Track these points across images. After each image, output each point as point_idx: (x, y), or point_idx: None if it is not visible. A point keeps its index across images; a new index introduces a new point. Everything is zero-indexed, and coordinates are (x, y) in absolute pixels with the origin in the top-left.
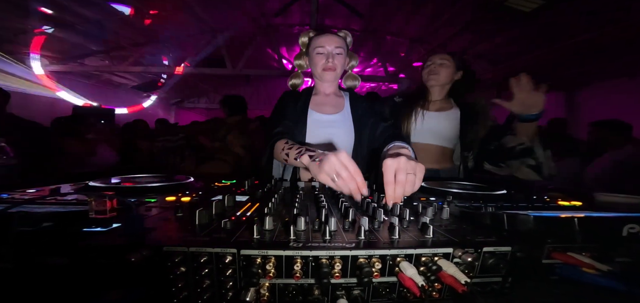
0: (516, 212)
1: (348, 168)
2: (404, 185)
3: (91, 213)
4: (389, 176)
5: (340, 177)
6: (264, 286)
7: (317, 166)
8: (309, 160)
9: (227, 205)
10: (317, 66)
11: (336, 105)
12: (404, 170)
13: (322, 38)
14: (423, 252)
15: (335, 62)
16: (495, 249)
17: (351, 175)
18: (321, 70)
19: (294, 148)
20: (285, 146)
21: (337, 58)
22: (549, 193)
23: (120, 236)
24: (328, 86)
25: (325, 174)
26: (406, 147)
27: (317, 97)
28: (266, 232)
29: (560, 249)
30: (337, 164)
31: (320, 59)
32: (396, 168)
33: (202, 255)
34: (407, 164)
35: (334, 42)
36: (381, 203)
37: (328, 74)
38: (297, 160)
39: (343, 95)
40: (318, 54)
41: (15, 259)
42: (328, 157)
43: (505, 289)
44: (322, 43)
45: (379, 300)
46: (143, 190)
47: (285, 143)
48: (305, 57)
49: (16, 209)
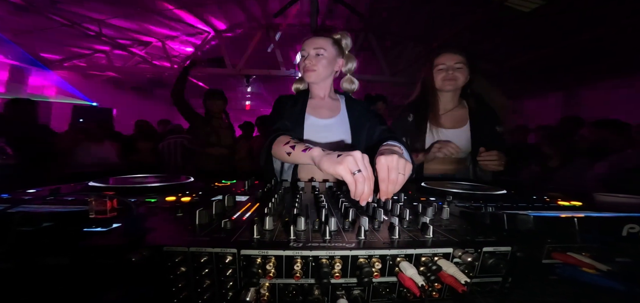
0: (516, 212)
1: (367, 170)
2: (395, 183)
3: (91, 214)
4: (383, 173)
5: (360, 174)
6: (264, 286)
7: (336, 157)
8: (321, 153)
9: (227, 205)
10: (301, 69)
11: (332, 109)
12: (395, 169)
13: (305, 41)
14: (423, 252)
15: (313, 62)
16: (495, 249)
17: (369, 177)
18: (302, 72)
19: (300, 143)
20: (290, 140)
21: (317, 59)
22: (549, 194)
23: (120, 236)
24: (318, 88)
25: (347, 166)
26: (398, 145)
27: (312, 101)
28: (266, 232)
29: (560, 249)
30: (360, 161)
31: (302, 61)
32: (389, 166)
33: (203, 255)
34: (399, 163)
35: (313, 43)
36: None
37: (307, 75)
38: (305, 153)
39: (339, 99)
40: (302, 57)
41: (15, 259)
42: (354, 152)
43: (505, 289)
44: (304, 46)
45: (379, 300)
46: (143, 190)
47: (289, 138)
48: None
49: (16, 209)
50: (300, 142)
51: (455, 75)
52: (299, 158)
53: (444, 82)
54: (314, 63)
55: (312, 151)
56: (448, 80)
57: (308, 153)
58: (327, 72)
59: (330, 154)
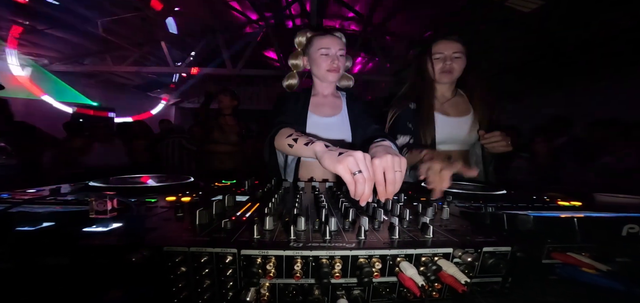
0: (516, 212)
1: (369, 170)
2: (393, 183)
3: (92, 213)
4: (379, 176)
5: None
6: (264, 286)
7: (337, 156)
8: (323, 148)
9: (228, 205)
10: (321, 67)
11: (334, 107)
12: (391, 169)
13: (327, 39)
14: (423, 252)
15: (339, 63)
16: (495, 249)
17: (370, 177)
18: (325, 72)
19: (303, 136)
20: (293, 133)
21: (341, 60)
22: (549, 194)
23: (120, 236)
24: (327, 87)
25: (347, 166)
26: (387, 142)
27: (315, 98)
28: (266, 232)
29: (560, 249)
30: (361, 161)
31: (325, 60)
32: (384, 168)
33: (203, 255)
34: (394, 161)
35: (338, 44)
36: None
37: (332, 75)
38: (307, 146)
39: (340, 96)
40: (323, 55)
41: (15, 259)
42: (355, 152)
43: (505, 289)
44: (328, 44)
45: (379, 300)
46: (143, 190)
47: (292, 130)
48: (302, 57)
49: (16, 209)
50: (303, 134)
51: (453, 66)
52: (301, 151)
53: (441, 74)
54: (339, 64)
55: (315, 145)
56: (445, 72)
57: (310, 148)
58: (343, 71)
59: (332, 151)
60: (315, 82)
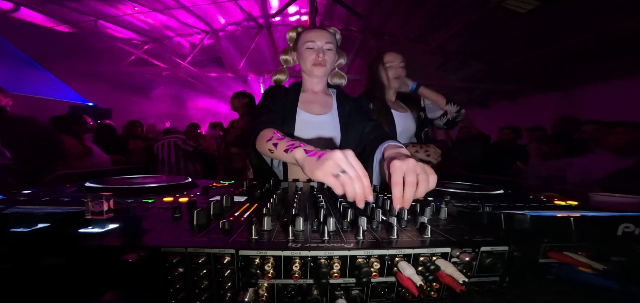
0: (513, 211)
1: (355, 168)
2: (414, 186)
3: (88, 214)
4: (398, 177)
5: (346, 175)
6: (262, 286)
7: (315, 161)
8: (303, 155)
9: (225, 206)
10: (307, 61)
11: (325, 104)
12: (413, 172)
13: (312, 33)
14: (421, 251)
15: (325, 57)
16: (492, 249)
17: (359, 175)
18: (311, 66)
19: (284, 140)
20: (273, 136)
21: (328, 54)
22: (546, 193)
23: (117, 237)
24: (317, 83)
25: (327, 171)
26: (402, 147)
27: (305, 95)
28: (265, 232)
29: (557, 249)
30: (343, 161)
31: (310, 54)
32: (405, 170)
33: (200, 256)
34: (417, 166)
35: (324, 37)
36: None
37: (318, 69)
38: (287, 153)
39: (331, 93)
40: (308, 49)
41: (12, 260)
42: (333, 153)
43: (502, 288)
44: (313, 38)
45: (378, 300)
46: (140, 190)
47: (273, 133)
48: (292, 52)
49: (12, 210)
50: (284, 138)
51: (401, 72)
52: (282, 157)
53: (393, 79)
54: (326, 58)
55: (295, 152)
56: (397, 78)
57: (290, 154)
58: (331, 67)
59: (311, 157)
60: (304, 78)
